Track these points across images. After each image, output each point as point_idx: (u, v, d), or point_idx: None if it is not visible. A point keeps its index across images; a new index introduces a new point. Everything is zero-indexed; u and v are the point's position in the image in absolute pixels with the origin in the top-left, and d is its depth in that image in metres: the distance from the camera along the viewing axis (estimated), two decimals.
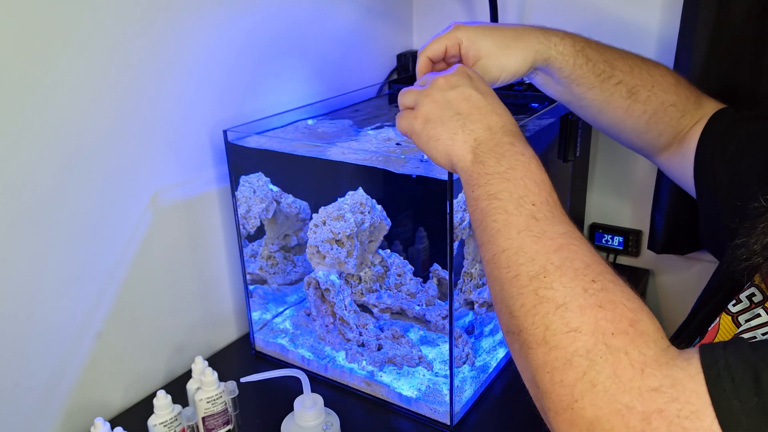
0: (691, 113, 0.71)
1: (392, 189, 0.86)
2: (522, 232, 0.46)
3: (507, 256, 0.46)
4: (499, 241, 0.47)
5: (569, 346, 0.39)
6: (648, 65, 0.71)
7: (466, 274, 0.91)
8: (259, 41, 0.90)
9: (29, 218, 0.67)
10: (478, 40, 0.65)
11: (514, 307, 0.44)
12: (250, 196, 0.87)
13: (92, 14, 0.69)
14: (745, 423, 0.34)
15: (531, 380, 0.43)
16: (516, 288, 0.44)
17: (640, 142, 0.74)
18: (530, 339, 0.42)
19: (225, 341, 0.95)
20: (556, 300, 0.41)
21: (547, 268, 0.43)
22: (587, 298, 0.41)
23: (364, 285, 0.89)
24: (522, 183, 0.49)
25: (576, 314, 0.40)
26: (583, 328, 0.39)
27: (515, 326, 0.43)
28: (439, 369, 0.81)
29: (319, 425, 0.68)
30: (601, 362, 0.38)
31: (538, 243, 0.45)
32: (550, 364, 0.40)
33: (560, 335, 0.40)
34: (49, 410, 0.73)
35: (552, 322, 0.41)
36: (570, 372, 0.39)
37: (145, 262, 0.80)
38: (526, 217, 0.47)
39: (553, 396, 0.40)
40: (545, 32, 0.68)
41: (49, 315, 0.71)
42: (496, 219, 0.48)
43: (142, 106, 0.76)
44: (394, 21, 1.18)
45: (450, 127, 0.55)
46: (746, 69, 0.84)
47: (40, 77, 0.65)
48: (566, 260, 0.43)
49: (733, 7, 0.81)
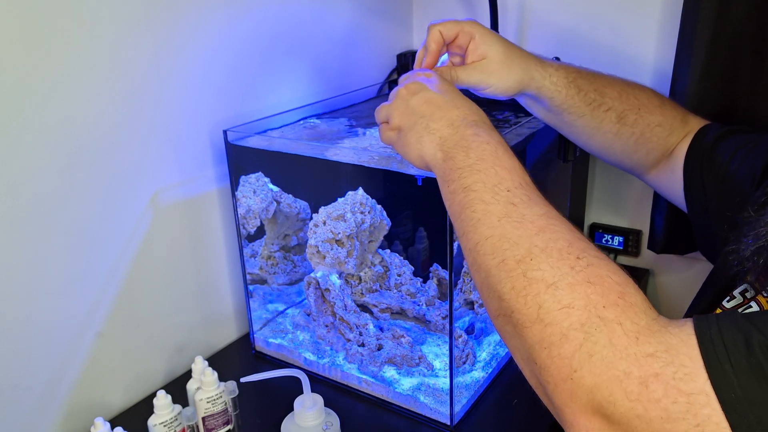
0: (678, 131, 0.74)
1: (392, 189, 0.86)
2: (502, 219, 0.48)
3: (491, 243, 0.47)
4: (480, 229, 0.48)
5: (564, 321, 0.41)
6: (634, 89, 0.74)
7: (466, 274, 0.91)
8: (260, 41, 0.90)
9: (30, 218, 0.67)
10: (490, 42, 0.67)
11: (504, 290, 0.45)
12: (250, 196, 0.87)
13: (93, 14, 0.69)
14: (736, 383, 0.36)
15: (526, 358, 0.44)
16: (504, 272, 0.45)
17: (629, 162, 0.77)
18: (524, 318, 0.43)
19: (225, 341, 0.95)
20: (545, 280, 0.43)
21: (532, 251, 0.45)
22: (575, 276, 0.42)
23: (364, 285, 0.89)
24: (493, 171, 0.51)
25: (566, 291, 0.42)
26: (576, 304, 0.41)
27: (506, 308, 0.45)
28: (439, 369, 0.81)
29: (319, 425, 0.68)
30: (596, 333, 0.39)
31: (519, 228, 0.46)
32: (547, 339, 0.41)
33: (554, 312, 0.41)
34: (49, 410, 0.73)
35: (544, 301, 0.42)
36: (567, 345, 0.40)
37: (145, 262, 0.80)
38: (504, 204, 0.48)
39: (552, 369, 0.41)
40: (543, 62, 0.70)
41: (49, 315, 0.71)
42: (474, 209, 0.49)
43: (143, 107, 0.76)
44: (394, 21, 1.18)
45: (416, 131, 0.57)
46: (746, 70, 0.84)
47: (40, 77, 0.65)
48: (550, 241, 0.45)
49: (733, 7, 0.81)
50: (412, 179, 0.73)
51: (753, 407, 0.35)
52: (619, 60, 1.01)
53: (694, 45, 0.84)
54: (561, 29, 1.05)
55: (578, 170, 1.04)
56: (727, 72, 0.84)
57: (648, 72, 0.99)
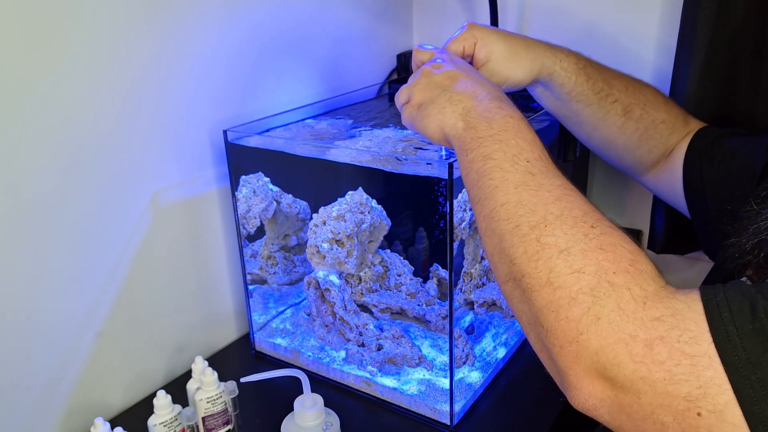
0: (679, 131, 0.74)
1: (392, 189, 0.86)
2: (519, 186, 0.48)
3: (506, 209, 0.48)
4: (497, 196, 0.49)
5: (573, 285, 0.41)
6: (640, 85, 0.74)
7: (466, 274, 0.91)
8: (260, 41, 0.90)
9: (30, 218, 0.67)
10: (492, 42, 0.68)
11: (516, 254, 0.45)
12: (250, 196, 0.87)
13: (93, 14, 0.69)
14: (740, 345, 0.36)
15: (533, 322, 0.44)
16: (517, 237, 0.46)
17: (630, 159, 0.77)
18: (533, 282, 0.44)
19: (225, 341, 0.95)
20: (558, 245, 0.43)
21: (547, 218, 0.45)
22: (588, 242, 0.43)
23: (364, 285, 0.89)
24: (514, 142, 0.51)
25: (578, 257, 0.42)
26: (586, 269, 0.42)
27: (517, 272, 0.45)
28: (438, 369, 0.81)
29: (319, 425, 0.68)
30: (605, 297, 0.40)
31: (536, 195, 0.47)
32: (555, 302, 0.42)
33: (564, 276, 0.42)
34: (49, 410, 0.73)
35: (556, 266, 0.43)
36: (575, 308, 0.41)
37: (145, 262, 0.80)
38: (522, 173, 0.49)
39: (558, 331, 0.42)
40: (552, 48, 0.70)
41: (49, 315, 0.71)
42: (492, 177, 0.50)
43: (143, 107, 0.76)
44: (394, 21, 1.18)
45: (438, 103, 0.58)
46: (746, 70, 0.84)
47: (40, 77, 0.65)
48: (565, 209, 0.46)
49: (733, 7, 0.81)
50: (413, 179, 0.73)
51: (755, 369, 0.36)
52: (619, 60, 1.00)
53: (694, 45, 0.84)
54: (561, 29, 1.05)
55: (578, 170, 1.04)
56: (727, 72, 0.84)
57: (648, 72, 0.99)
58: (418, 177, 0.73)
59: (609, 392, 0.40)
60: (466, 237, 0.88)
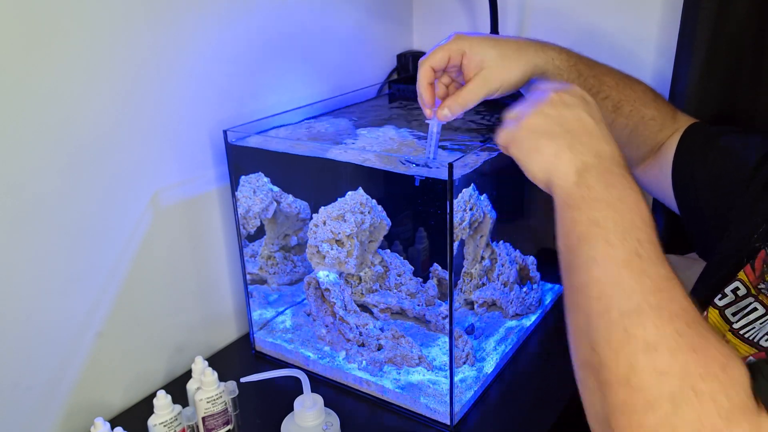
0: (669, 127, 0.74)
1: (392, 189, 0.86)
2: (621, 266, 0.44)
3: (599, 288, 0.44)
4: (592, 270, 0.45)
5: (653, 389, 0.38)
6: (631, 81, 0.74)
7: (466, 274, 0.91)
8: (260, 41, 0.90)
9: (30, 218, 0.67)
10: (481, 50, 0.65)
11: (599, 341, 0.42)
12: (250, 196, 0.87)
13: (93, 14, 0.69)
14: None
15: (602, 419, 0.41)
16: (604, 322, 0.42)
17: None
18: (611, 377, 0.40)
19: (225, 341, 0.95)
20: (646, 340, 0.40)
21: (642, 307, 0.41)
22: (679, 341, 0.39)
23: (364, 285, 0.89)
24: (629, 217, 0.47)
25: (665, 356, 0.39)
26: (671, 371, 0.38)
27: (596, 362, 0.42)
28: (439, 369, 0.81)
29: (319, 425, 0.68)
30: (685, 407, 0.37)
31: (637, 280, 0.43)
32: (631, 406, 0.39)
33: (646, 376, 0.39)
34: (49, 410, 0.73)
35: (638, 362, 0.39)
36: (651, 416, 0.38)
37: (145, 262, 0.80)
38: (629, 252, 0.44)
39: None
40: (543, 46, 0.69)
41: (49, 315, 0.71)
42: (593, 246, 0.46)
43: (143, 106, 0.76)
44: (394, 21, 1.18)
45: (557, 143, 0.52)
46: (746, 70, 0.84)
47: (40, 77, 0.65)
48: (663, 301, 0.42)
49: (733, 7, 0.81)
50: (412, 179, 0.73)
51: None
52: (619, 61, 1.00)
53: (694, 45, 0.84)
54: (561, 29, 1.05)
55: None
56: (727, 72, 0.84)
57: (648, 72, 0.99)
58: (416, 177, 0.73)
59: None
60: (466, 237, 0.88)
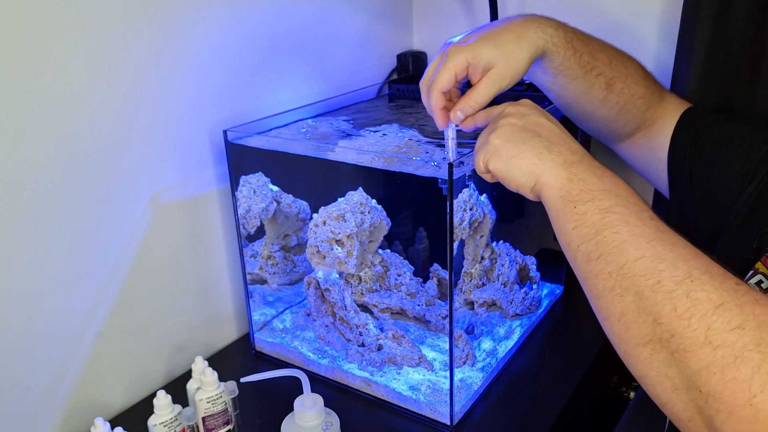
0: (655, 106, 0.74)
1: (392, 189, 0.86)
2: (653, 241, 0.45)
3: (642, 264, 0.45)
4: (627, 251, 0.46)
5: (737, 342, 0.39)
6: (623, 57, 0.73)
7: (466, 274, 0.91)
8: (260, 41, 0.90)
9: (30, 217, 0.67)
10: (485, 55, 0.64)
11: (662, 312, 0.42)
12: (250, 196, 0.87)
13: (93, 14, 0.69)
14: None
15: (686, 386, 0.41)
16: (661, 294, 0.43)
17: (605, 130, 0.77)
18: (687, 342, 0.41)
19: (225, 341, 0.95)
20: (713, 300, 0.41)
21: (692, 273, 0.42)
22: (741, 297, 0.40)
23: (364, 285, 0.89)
24: (633, 200, 0.49)
25: (735, 312, 0.40)
26: (747, 324, 0.39)
27: (664, 332, 0.42)
28: (439, 369, 0.81)
29: (319, 425, 0.68)
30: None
31: (674, 251, 0.44)
32: (718, 362, 0.39)
33: (724, 333, 0.39)
34: (49, 410, 0.73)
35: (713, 322, 0.40)
36: (743, 367, 0.38)
37: (145, 262, 0.80)
38: (652, 228, 0.46)
39: (725, 395, 0.38)
40: (541, 24, 0.67)
41: (49, 315, 0.71)
42: (617, 230, 0.47)
43: (143, 106, 0.76)
44: (394, 21, 1.18)
45: (534, 146, 0.55)
46: (746, 70, 0.84)
47: (40, 77, 0.65)
48: (708, 266, 0.43)
49: (733, 7, 0.81)
50: (413, 179, 0.73)
51: None
52: None
53: (694, 45, 0.84)
54: None
55: None
56: (727, 71, 0.84)
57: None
58: (418, 177, 0.73)
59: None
60: (466, 237, 0.88)
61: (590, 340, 0.90)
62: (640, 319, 0.44)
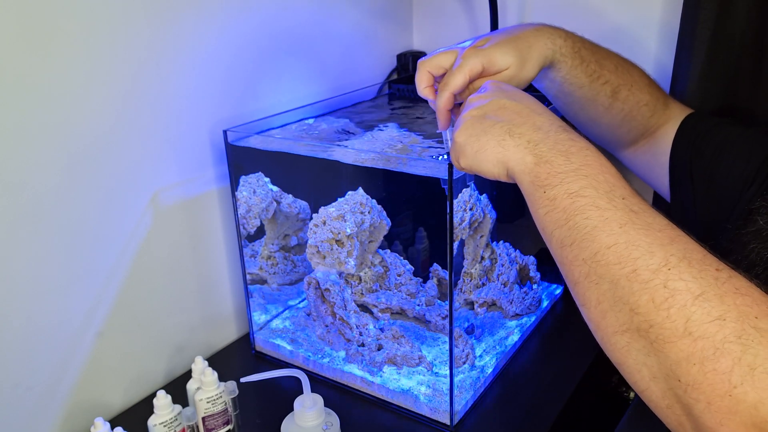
0: (659, 113, 0.75)
1: (392, 189, 0.86)
2: (625, 225, 0.44)
3: (616, 252, 0.43)
4: (599, 237, 0.44)
5: (717, 334, 0.38)
6: (627, 65, 0.74)
7: (466, 274, 0.91)
8: (260, 41, 0.90)
9: (30, 217, 0.67)
10: (502, 60, 0.64)
11: (639, 303, 0.41)
12: (250, 196, 0.87)
13: (93, 14, 0.69)
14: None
15: (664, 375, 0.41)
16: (638, 283, 0.41)
17: (609, 137, 0.78)
18: (666, 333, 0.40)
19: (225, 341, 0.95)
20: (691, 291, 0.40)
21: (669, 260, 0.41)
22: (721, 286, 0.39)
23: (364, 285, 0.89)
24: (603, 178, 0.47)
25: (716, 302, 0.39)
26: (728, 315, 0.38)
27: (642, 322, 0.41)
28: (439, 369, 0.81)
29: (319, 425, 0.68)
30: (755, 345, 0.37)
31: (647, 235, 0.43)
32: (698, 354, 0.38)
33: (705, 325, 0.38)
34: (49, 410, 0.73)
35: (693, 313, 0.39)
36: (723, 359, 0.37)
37: (145, 262, 0.80)
38: (624, 211, 0.44)
39: (704, 386, 0.38)
40: (551, 34, 0.68)
41: (49, 315, 0.71)
42: (588, 216, 0.45)
43: (143, 106, 0.76)
44: (394, 21, 1.18)
45: (495, 134, 0.53)
46: (746, 70, 0.84)
47: (40, 77, 0.65)
48: (686, 251, 0.42)
49: (733, 7, 0.81)
50: (413, 179, 0.73)
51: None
52: None
53: (694, 45, 0.84)
54: None
55: None
56: (727, 72, 0.84)
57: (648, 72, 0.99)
58: (418, 177, 0.73)
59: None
60: (466, 237, 0.88)
61: (590, 339, 0.89)
62: (616, 307, 0.43)
